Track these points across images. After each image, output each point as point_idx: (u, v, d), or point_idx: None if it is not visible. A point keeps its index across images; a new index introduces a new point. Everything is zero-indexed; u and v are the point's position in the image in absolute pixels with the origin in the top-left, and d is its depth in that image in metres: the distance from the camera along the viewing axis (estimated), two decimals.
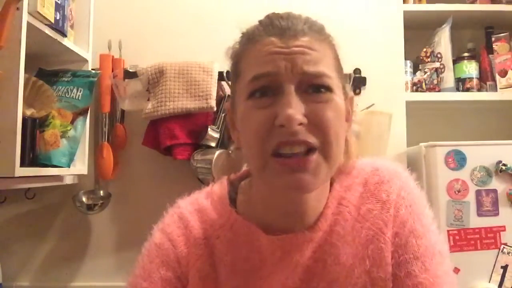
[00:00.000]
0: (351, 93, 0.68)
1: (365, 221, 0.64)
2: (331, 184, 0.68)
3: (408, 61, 1.84)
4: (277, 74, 0.57)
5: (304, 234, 0.64)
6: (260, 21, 0.63)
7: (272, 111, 0.57)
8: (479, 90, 1.82)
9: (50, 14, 1.30)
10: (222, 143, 1.61)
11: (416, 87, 1.83)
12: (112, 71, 1.65)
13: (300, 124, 0.55)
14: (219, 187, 0.73)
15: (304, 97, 0.57)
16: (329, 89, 0.59)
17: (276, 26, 0.60)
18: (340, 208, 0.66)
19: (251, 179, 0.71)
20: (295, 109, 0.55)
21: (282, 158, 0.56)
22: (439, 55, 1.83)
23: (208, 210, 0.70)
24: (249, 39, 0.63)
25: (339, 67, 0.64)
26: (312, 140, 0.56)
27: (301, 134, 0.56)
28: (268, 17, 0.63)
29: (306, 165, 0.56)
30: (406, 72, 1.82)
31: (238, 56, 0.64)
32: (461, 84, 1.83)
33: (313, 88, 0.58)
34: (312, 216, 0.65)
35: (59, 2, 1.36)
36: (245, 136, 0.61)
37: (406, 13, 1.78)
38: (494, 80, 1.81)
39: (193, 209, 0.71)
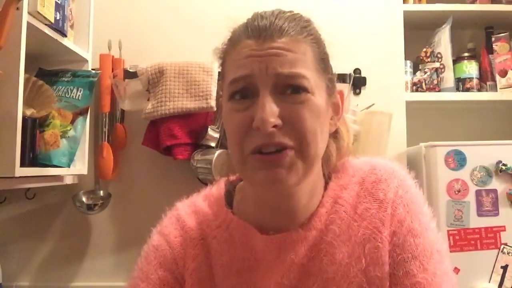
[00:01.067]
0: (339, 87, 0.68)
1: (362, 220, 0.64)
2: (327, 183, 0.69)
3: (408, 61, 1.84)
4: (252, 77, 0.59)
5: (298, 232, 0.64)
6: (245, 22, 0.64)
7: (249, 114, 0.58)
8: (479, 90, 1.82)
9: (50, 14, 1.30)
10: (222, 143, 1.61)
11: (416, 87, 1.83)
12: (112, 71, 1.65)
13: (275, 126, 0.57)
14: (216, 189, 0.75)
15: (280, 98, 0.58)
16: (305, 89, 0.59)
17: (254, 27, 0.61)
18: (336, 207, 0.66)
19: (246, 186, 0.71)
20: (269, 112, 0.56)
21: (259, 155, 0.58)
22: (439, 55, 1.83)
23: (205, 211, 0.71)
24: (231, 40, 0.64)
25: (321, 66, 0.64)
26: (287, 141, 0.58)
27: (276, 136, 0.57)
28: (252, 17, 0.64)
29: (280, 160, 0.58)
30: (406, 72, 1.82)
31: (222, 57, 0.66)
32: (461, 84, 1.83)
33: (289, 89, 0.59)
34: (304, 213, 0.66)
35: (59, 2, 1.36)
36: (227, 136, 0.64)
37: (406, 13, 1.78)
38: (494, 80, 1.81)
39: (190, 210, 0.72)
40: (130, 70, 1.64)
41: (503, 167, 1.51)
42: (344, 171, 0.70)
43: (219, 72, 1.58)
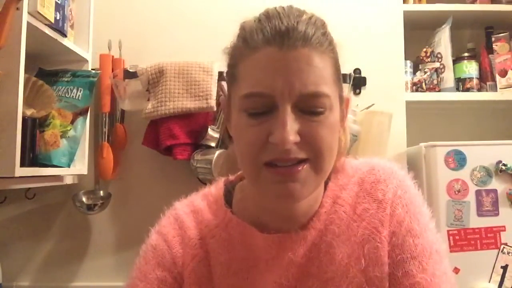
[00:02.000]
0: (347, 96, 0.67)
1: (361, 220, 0.65)
2: (326, 183, 0.69)
3: (408, 61, 1.84)
4: (272, 96, 0.56)
5: (297, 232, 0.65)
6: (259, 20, 0.60)
7: (266, 127, 0.57)
8: (479, 90, 1.82)
9: (50, 14, 1.30)
10: (222, 143, 1.61)
11: (416, 87, 1.83)
12: (112, 71, 1.65)
13: (294, 143, 0.56)
14: (215, 188, 0.75)
15: (300, 116, 0.57)
16: (325, 110, 0.58)
17: (274, 31, 0.57)
18: (336, 207, 0.66)
19: (248, 189, 0.71)
20: (290, 130, 0.55)
21: (273, 168, 0.57)
22: (439, 55, 1.83)
23: (204, 211, 0.71)
24: (247, 43, 0.60)
25: (338, 76, 0.62)
26: (303, 156, 0.57)
27: (293, 152, 0.56)
28: (267, 16, 0.60)
29: (295, 174, 0.57)
30: (406, 72, 1.82)
31: (236, 59, 0.62)
32: (461, 84, 1.83)
33: (310, 111, 0.57)
34: (305, 215, 0.66)
35: (59, 2, 1.36)
36: (239, 147, 0.62)
37: (406, 13, 1.78)
38: (494, 80, 1.81)
39: (189, 210, 0.72)
40: (130, 70, 1.64)
41: (503, 167, 1.51)
42: (343, 171, 0.70)
43: (219, 72, 1.60)
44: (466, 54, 1.86)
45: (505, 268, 1.48)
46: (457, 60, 1.86)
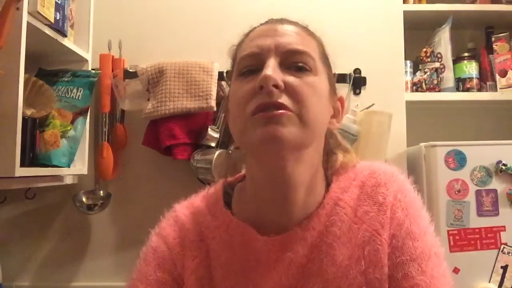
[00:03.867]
0: (340, 93, 0.72)
1: (362, 222, 0.65)
2: (328, 185, 0.69)
3: (408, 61, 1.84)
4: (261, 53, 0.63)
5: (296, 232, 0.65)
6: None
7: (254, 83, 0.61)
8: (479, 90, 1.82)
9: (50, 14, 1.30)
10: (222, 143, 1.61)
11: (416, 87, 1.83)
12: (112, 71, 1.65)
13: (277, 87, 0.59)
14: (214, 190, 0.75)
15: (286, 71, 0.61)
16: (310, 70, 0.63)
17: (268, 19, 0.68)
18: (337, 209, 0.66)
19: (246, 177, 0.72)
20: (272, 70, 0.59)
21: (259, 113, 0.59)
22: (439, 55, 1.83)
23: (204, 213, 0.72)
24: (246, 34, 0.69)
25: (325, 61, 0.68)
26: (287, 103, 0.59)
27: (276, 96, 0.59)
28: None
29: (278, 116, 0.58)
30: (406, 72, 1.82)
31: (236, 49, 0.70)
32: (461, 84, 1.83)
33: (295, 66, 0.62)
34: (302, 211, 0.66)
35: (59, 2, 1.36)
36: (232, 108, 0.65)
37: (406, 13, 1.78)
38: (494, 80, 1.81)
39: (188, 212, 0.73)
40: (130, 70, 1.64)
41: (503, 167, 1.51)
42: (345, 174, 0.71)
43: (219, 72, 1.60)
44: (466, 54, 1.86)
45: (505, 268, 1.48)
46: (457, 60, 1.86)
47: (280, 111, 0.58)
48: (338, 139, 0.74)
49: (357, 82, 1.74)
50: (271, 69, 0.59)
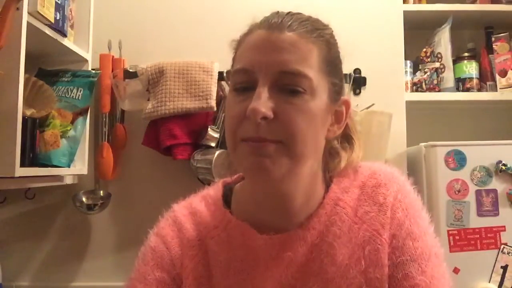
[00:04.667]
0: (346, 96, 0.69)
1: (362, 222, 0.65)
2: (328, 186, 0.69)
3: (408, 61, 1.84)
4: (253, 72, 0.60)
5: (296, 232, 0.65)
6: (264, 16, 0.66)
7: (246, 105, 0.59)
8: (479, 90, 1.82)
9: (50, 14, 1.30)
10: (222, 143, 1.61)
11: (416, 87, 1.83)
12: (112, 71, 1.65)
13: (265, 118, 0.58)
14: (214, 190, 0.75)
15: (277, 95, 0.59)
16: (303, 91, 0.59)
17: (267, 20, 0.63)
18: (337, 209, 0.67)
19: (245, 181, 0.72)
20: (261, 103, 0.57)
21: (246, 142, 0.60)
22: (439, 55, 1.83)
23: (202, 212, 0.72)
24: (245, 32, 0.67)
25: (327, 68, 0.63)
26: (272, 136, 0.58)
27: (261, 130, 0.58)
28: (270, 14, 0.66)
29: (262, 148, 0.58)
30: (406, 72, 1.82)
31: (236, 47, 0.68)
32: (461, 84, 1.83)
33: (288, 89, 0.60)
34: (302, 214, 0.66)
35: (59, 2, 1.36)
36: (225, 123, 0.66)
37: (406, 13, 1.78)
38: (494, 80, 1.81)
39: (187, 212, 0.73)
40: (130, 70, 1.64)
41: (503, 167, 1.51)
42: (345, 174, 0.71)
43: (219, 72, 1.60)
44: (466, 54, 1.86)
45: (505, 268, 1.48)
46: (457, 60, 1.86)
47: (264, 143, 0.58)
48: (356, 151, 0.72)
49: (357, 82, 1.74)
50: (261, 100, 0.57)
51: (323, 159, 0.70)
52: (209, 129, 1.59)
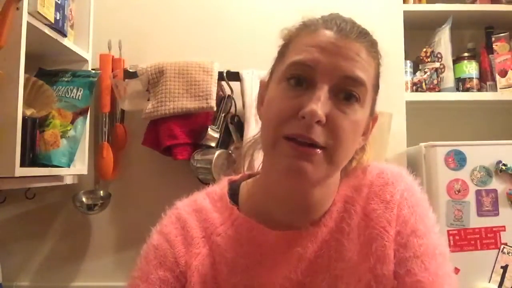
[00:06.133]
0: (377, 113, 0.72)
1: (369, 220, 0.66)
2: (339, 185, 0.70)
3: (408, 61, 1.84)
4: (314, 69, 0.59)
5: (308, 229, 0.66)
6: (322, 16, 0.66)
7: (299, 102, 0.59)
8: (479, 90, 1.82)
9: (50, 14, 1.30)
10: (222, 143, 1.61)
11: (416, 87, 1.83)
12: (112, 71, 1.65)
13: (319, 122, 0.58)
14: (218, 187, 0.75)
15: (333, 100, 0.59)
16: (359, 99, 0.61)
17: (335, 23, 0.63)
18: (347, 207, 0.68)
19: (262, 177, 0.71)
20: (321, 106, 0.57)
21: (293, 142, 0.59)
22: (439, 55, 1.83)
23: (207, 209, 0.71)
24: (306, 26, 0.65)
25: (376, 86, 0.67)
26: (321, 141, 0.58)
27: (315, 132, 0.58)
28: (331, 14, 0.66)
29: (311, 154, 0.58)
30: (406, 72, 1.82)
31: (291, 37, 0.66)
32: (461, 84, 1.83)
33: (345, 94, 0.60)
34: (317, 212, 0.67)
35: (59, 2, 1.36)
36: (267, 114, 0.63)
37: (406, 13, 1.78)
38: (494, 80, 1.81)
39: (191, 209, 0.72)
40: (130, 70, 1.64)
41: (503, 167, 1.51)
42: (354, 173, 0.72)
43: (219, 72, 1.60)
44: (466, 54, 1.86)
45: (505, 268, 1.48)
46: (457, 60, 1.86)
47: (312, 148, 0.58)
48: (367, 153, 0.74)
49: None
50: (321, 102, 0.57)
51: None
52: (209, 129, 1.59)
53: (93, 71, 1.58)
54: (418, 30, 1.87)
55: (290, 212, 0.67)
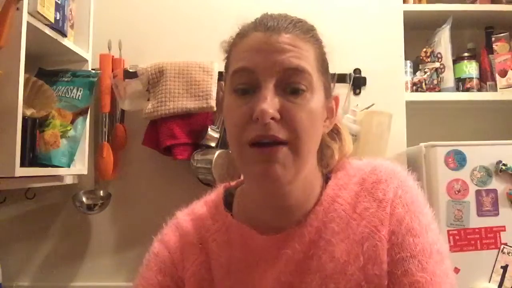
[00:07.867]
0: (336, 92, 0.71)
1: (361, 219, 0.65)
2: (326, 182, 0.70)
3: (408, 61, 1.84)
4: (254, 71, 0.61)
5: (293, 229, 0.66)
6: (254, 19, 0.67)
7: (250, 107, 0.60)
8: (479, 90, 1.82)
9: (50, 14, 1.30)
10: (222, 143, 1.61)
11: (416, 87, 1.83)
12: (112, 71, 1.65)
13: (273, 118, 0.59)
14: (215, 194, 0.77)
15: (281, 95, 0.60)
16: (305, 89, 0.61)
17: (263, 23, 0.63)
18: (335, 206, 0.67)
19: (245, 184, 0.73)
20: (269, 103, 0.58)
21: (255, 148, 0.60)
22: (439, 55, 1.83)
23: (204, 217, 0.74)
24: (238, 34, 0.67)
25: (322, 68, 0.66)
26: (282, 135, 0.59)
27: (272, 129, 0.59)
28: (261, 16, 0.67)
29: (275, 154, 0.59)
30: (406, 72, 1.82)
31: (230, 48, 0.68)
32: (461, 84, 1.83)
33: (291, 88, 0.61)
34: (300, 211, 0.67)
35: (59, 2, 1.36)
36: (227, 127, 0.65)
37: (406, 13, 1.78)
38: (494, 80, 1.81)
39: (189, 218, 0.75)
40: (130, 70, 1.64)
41: (503, 167, 1.51)
42: (344, 171, 0.71)
43: (219, 72, 1.60)
44: (466, 54, 1.86)
45: (505, 268, 1.48)
46: (457, 60, 1.86)
47: (275, 147, 0.59)
48: (344, 139, 0.74)
49: (357, 82, 1.74)
50: (268, 100, 0.58)
51: (317, 154, 0.70)
52: (209, 129, 1.59)
53: (93, 71, 1.58)
54: (418, 30, 1.87)
55: (274, 215, 0.68)
